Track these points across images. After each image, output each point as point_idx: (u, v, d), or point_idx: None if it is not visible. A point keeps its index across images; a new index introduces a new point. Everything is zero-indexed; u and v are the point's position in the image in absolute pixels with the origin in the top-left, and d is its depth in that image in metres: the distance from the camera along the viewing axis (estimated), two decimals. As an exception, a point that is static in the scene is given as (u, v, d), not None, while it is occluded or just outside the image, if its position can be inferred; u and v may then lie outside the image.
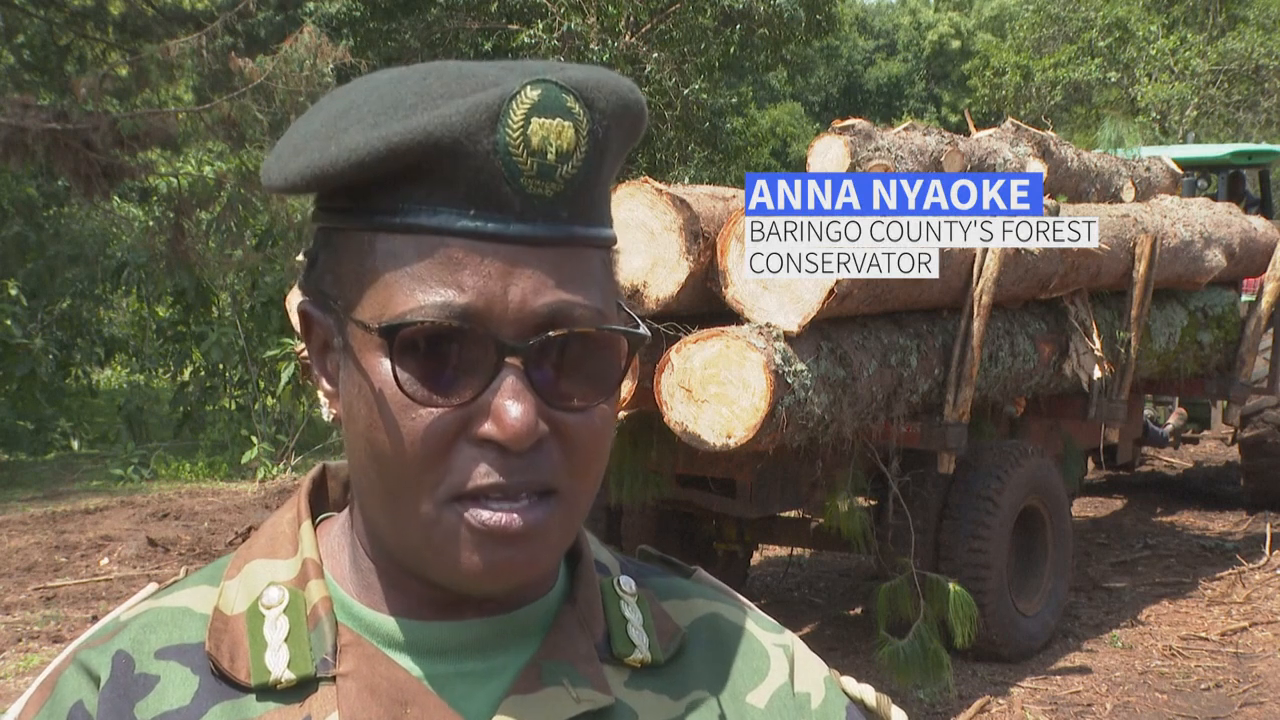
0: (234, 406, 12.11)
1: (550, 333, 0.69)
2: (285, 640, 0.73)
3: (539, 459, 0.69)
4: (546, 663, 0.75)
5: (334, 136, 0.69)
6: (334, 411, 0.76)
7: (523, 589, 0.77)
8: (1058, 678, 5.17)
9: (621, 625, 0.80)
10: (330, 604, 0.75)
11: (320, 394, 0.95)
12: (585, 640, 0.78)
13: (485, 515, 0.69)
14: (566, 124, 0.68)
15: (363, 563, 0.77)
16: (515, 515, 0.69)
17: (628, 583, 0.83)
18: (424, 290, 0.68)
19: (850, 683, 0.89)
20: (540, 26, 17.07)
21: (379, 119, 0.68)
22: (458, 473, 0.69)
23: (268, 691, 0.72)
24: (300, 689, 0.72)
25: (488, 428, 0.68)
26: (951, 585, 4.75)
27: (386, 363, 0.69)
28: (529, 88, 0.68)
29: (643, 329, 0.74)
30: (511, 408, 0.67)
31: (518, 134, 0.67)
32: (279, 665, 0.72)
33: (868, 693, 0.89)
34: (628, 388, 3.91)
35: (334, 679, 0.73)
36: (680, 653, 0.81)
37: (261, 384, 11.67)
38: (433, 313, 0.68)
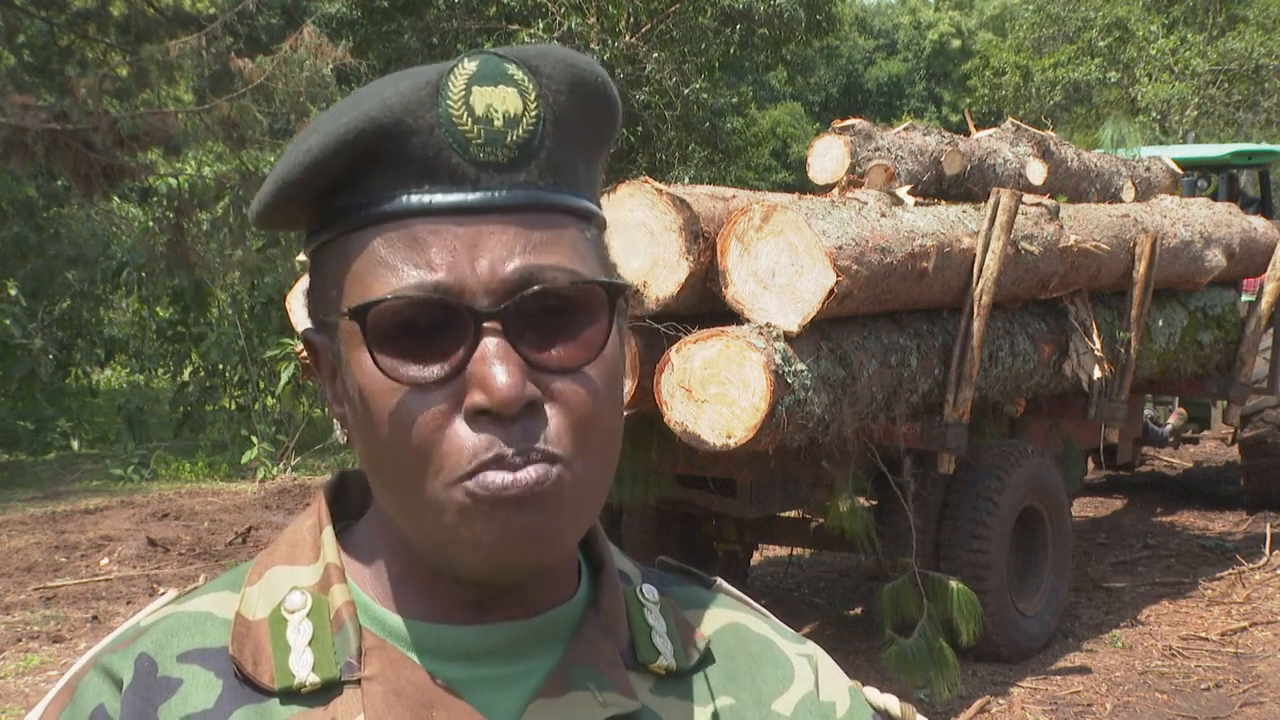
0: (234, 406, 12.12)
1: (524, 293, 0.68)
2: (309, 644, 0.73)
3: (534, 425, 0.68)
4: (572, 668, 0.75)
5: (295, 149, 0.71)
6: (346, 432, 0.76)
7: (545, 587, 0.76)
8: (1058, 678, 5.17)
9: (645, 632, 0.79)
10: (353, 608, 0.75)
11: (334, 418, 0.95)
12: (610, 646, 0.77)
13: (490, 477, 0.68)
14: (510, 90, 0.69)
15: (387, 567, 0.77)
16: (521, 480, 0.68)
17: (650, 591, 0.82)
18: (395, 275, 0.68)
19: (873, 693, 0.89)
20: (540, 26, 17.08)
21: (331, 122, 0.70)
22: (456, 453, 0.68)
23: (292, 695, 0.72)
24: (324, 692, 0.72)
25: (476, 397, 0.67)
26: (954, 584, 4.76)
27: (367, 352, 0.69)
28: (466, 60, 0.69)
29: (622, 280, 0.73)
30: (497, 372, 0.67)
31: (459, 104, 0.68)
32: (303, 669, 0.72)
33: (891, 702, 0.89)
34: (628, 387, 3.91)
35: (359, 682, 0.72)
36: (704, 661, 0.81)
37: (261, 384, 11.67)
38: (404, 293, 0.68)
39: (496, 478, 0.68)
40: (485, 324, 0.68)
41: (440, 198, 0.69)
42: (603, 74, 0.73)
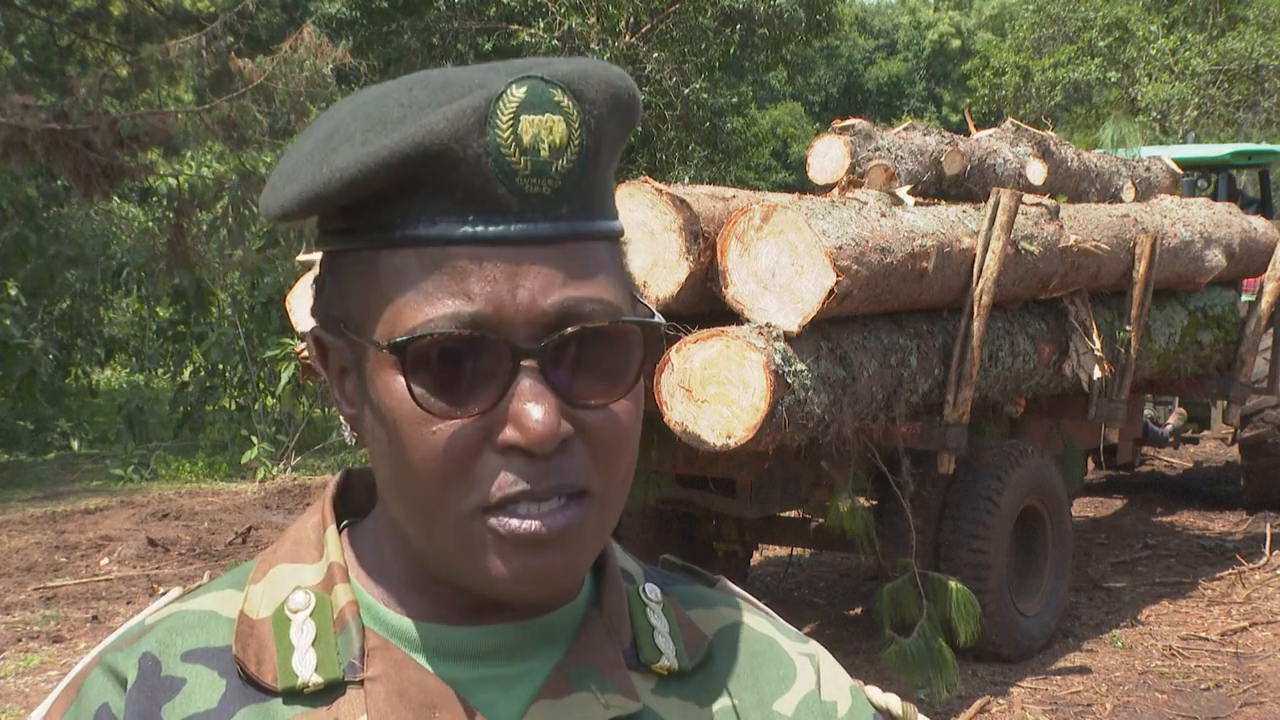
0: (234, 406, 12.13)
1: (563, 331, 0.68)
2: (312, 644, 0.73)
3: (565, 461, 0.69)
4: (574, 668, 0.75)
5: (325, 159, 0.69)
6: (355, 434, 0.76)
7: (556, 594, 0.77)
8: (1058, 678, 5.17)
9: (648, 632, 0.79)
10: (357, 608, 0.75)
11: (341, 418, 0.94)
12: (612, 646, 0.77)
13: (515, 523, 0.68)
14: (557, 119, 0.67)
15: (390, 568, 0.77)
16: (545, 522, 0.68)
17: (653, 590, 0.82)
18: (431, 304, 0.67)
19: (875, 692, 0.89)
20: (540, 26, 17.09)
21: (367, 135, 0.68)
22: (484, 483, 0.68)
23: (295, 695, 0.72)
24: (328, 692, 0.72)
25: (510, 434, 0.67)
26: (954, 584, 4.76)
27: (401, 380, 0.68)
28: (515, 86, 0.67)
29: (658, 318, 0.73)
30: (532, 410, 0.67)
31: (508, 134, 0.67)
32: (306, 669, 0.72)
33: (893, 701, 0.89)
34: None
35: (361, 683, 0.72)
36: (707, 660, 0.81)
37: (261, 384, 11.68)
38: (442, 324, 0.67)
39: (523, 524, 0.68)
40: (523, 361, 0.67)
41: (482, 228, 0.67)
42: (634, 89, 0.72)
